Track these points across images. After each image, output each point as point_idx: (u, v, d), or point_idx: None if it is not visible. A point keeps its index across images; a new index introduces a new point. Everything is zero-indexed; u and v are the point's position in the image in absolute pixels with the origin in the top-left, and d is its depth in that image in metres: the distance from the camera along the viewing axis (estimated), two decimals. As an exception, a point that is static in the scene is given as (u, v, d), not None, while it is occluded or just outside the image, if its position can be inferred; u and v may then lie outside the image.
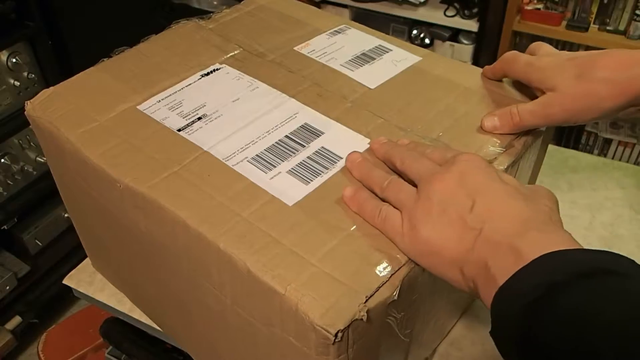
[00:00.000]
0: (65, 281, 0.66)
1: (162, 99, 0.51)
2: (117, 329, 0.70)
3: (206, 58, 0.55)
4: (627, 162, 1.71)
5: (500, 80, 0.53)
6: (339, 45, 0.58)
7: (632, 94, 0.44)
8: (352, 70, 0.54)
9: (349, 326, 0.33)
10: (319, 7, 1.92)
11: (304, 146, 0.45)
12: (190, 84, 0.52)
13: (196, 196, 0.41)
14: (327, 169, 0.43)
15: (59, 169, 0.54)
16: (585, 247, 0.31)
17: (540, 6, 1.72)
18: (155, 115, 0.49)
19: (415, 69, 0.55)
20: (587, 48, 1.74)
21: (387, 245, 0.38)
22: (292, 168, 0.43)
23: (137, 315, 0.61)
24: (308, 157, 0.44)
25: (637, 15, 1.60)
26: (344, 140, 0.46)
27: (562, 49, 1.79)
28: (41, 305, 1.39)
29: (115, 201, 0.46)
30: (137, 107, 0.50)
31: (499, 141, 0.47)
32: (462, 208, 0.36)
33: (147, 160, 0.44)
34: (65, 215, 1.43)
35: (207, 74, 0.54)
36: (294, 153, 0.45)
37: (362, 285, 0.35)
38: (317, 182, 0.42)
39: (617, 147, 1.82)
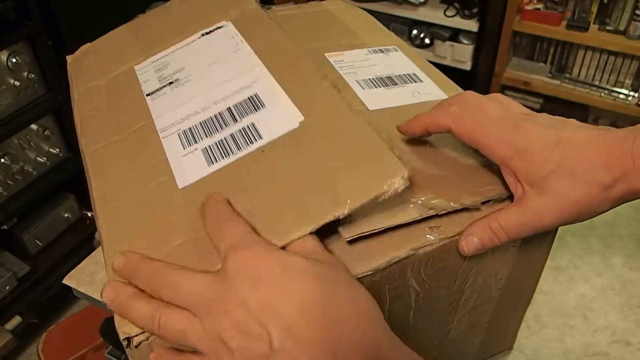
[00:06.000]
0: (65, 281, 0.66)
1: (155, 60, 0.51)
2: (117, 329, 0.70)
3: (218, 15, 0.54)
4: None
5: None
6: (372, 63, 0.54)
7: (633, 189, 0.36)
8: (363, 89, 0.50)
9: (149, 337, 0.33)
10: (319, 7, 1.92)
11: (236, 121, 0.42)
12: (187, 44, 0.52)
13: (117, 168, 0.43)
14: (240, 149, 0.40)
15: None
16: (585, 246, 0.31)
17: (540, 6, 1.72)
18: (141, 77, 0.50)
19: (430, 105, 0.49)
20: (587, 48, 1.74)
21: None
22: (209, 145, 0.41)
23: (137, 315, 0.61)
24: (231, 135, 0.41)
25: (637, 15, 1.60)
26: (277, 118, 0.42)
27: (562, 49, 1.80)
28: (41, 305, 1.39)
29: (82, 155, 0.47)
30: (135, 67, 0.51)
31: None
32: (260, 350, 0.28)
33: (107, 125, 0.47)
34: (65, 215, 1.43)
35: (209, 32, 0.52)
36: (222, 128, 0.42)
37: None
38: (221, 164, 0.40)
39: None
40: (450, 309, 0.44)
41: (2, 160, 1.25)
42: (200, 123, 0.43)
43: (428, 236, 0.38)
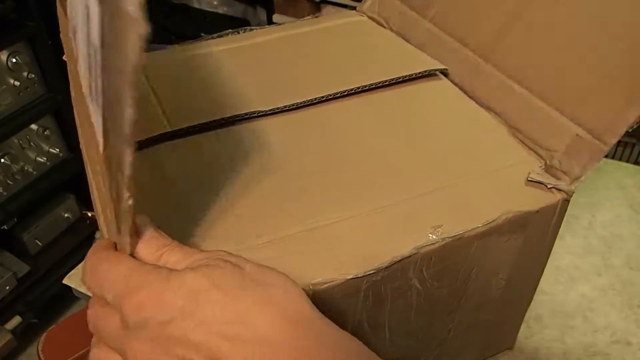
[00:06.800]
0: (65, 281, 0.66)
1: (71, 21, 0.39)
2: (118, 328, 0.70)
3: None
4: (627, 162, 1.71)
5: None
6: None
7: None
8: None
9: None
10: (319, 8, 1.92)
11: (91, 47, 0.32)
12: None
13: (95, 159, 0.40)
14: (91, 75, 0.33)
15: None
16: (586, 247, 0.31)
17: (540, 6, 1.72)
18: (75, 47, 0.39)
19: None
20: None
21: None
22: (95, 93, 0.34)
23: (138, 315, 0.61)
24: (95, 70, 0.32)
25: (637, 15, 1.60)
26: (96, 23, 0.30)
27: (562, 49, 1.80)
28: (41, 305, 1.39)
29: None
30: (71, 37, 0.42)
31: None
32: None
33: (83, 120, 0.44)
34: (65, 215, 1.43)
35: None
36: (92, 67, 0.33)
37: None
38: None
39: (617, 147, 1.82)
40: (452, 308, 0.45)
41: (2, 160, 1.25)
42: (87, 71, 0.35)
43: (430, 235, 0.38)
